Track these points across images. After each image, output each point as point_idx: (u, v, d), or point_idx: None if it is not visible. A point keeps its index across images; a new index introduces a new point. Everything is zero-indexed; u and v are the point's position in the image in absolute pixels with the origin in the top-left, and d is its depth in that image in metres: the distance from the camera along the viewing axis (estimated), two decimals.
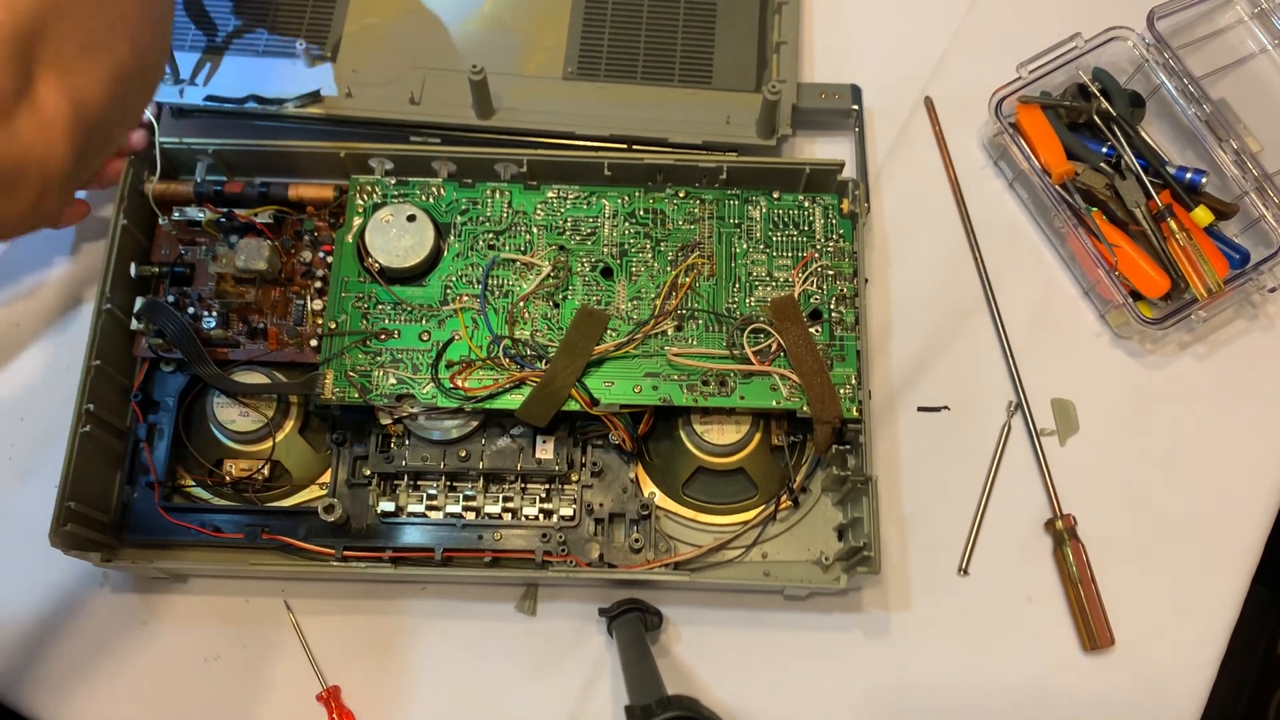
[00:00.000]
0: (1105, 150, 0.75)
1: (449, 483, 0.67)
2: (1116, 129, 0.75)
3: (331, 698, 0.66)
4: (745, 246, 0.69)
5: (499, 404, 0.65)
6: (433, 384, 0.65)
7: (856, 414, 0.65)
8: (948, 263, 0.77)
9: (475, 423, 0.66)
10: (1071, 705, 0.67)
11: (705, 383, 0.66)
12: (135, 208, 0.69)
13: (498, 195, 0.70)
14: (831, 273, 0.69)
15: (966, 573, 0.70)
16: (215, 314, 0.68)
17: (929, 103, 0.81)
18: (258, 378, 0.68)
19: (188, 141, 0.70)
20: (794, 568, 0.67)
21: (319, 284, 0.69)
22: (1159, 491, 0.71)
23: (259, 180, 0.71)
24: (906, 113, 0.81)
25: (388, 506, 0.66)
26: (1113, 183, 0.74)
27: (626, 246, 0.69)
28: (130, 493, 0.68)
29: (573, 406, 0.64)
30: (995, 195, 0.79)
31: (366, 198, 0.69)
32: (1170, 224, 0.72)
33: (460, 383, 0.65)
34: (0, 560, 0.69)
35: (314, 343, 0.68)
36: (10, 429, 0.72)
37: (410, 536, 0.67)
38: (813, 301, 0.68)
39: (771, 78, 0.77)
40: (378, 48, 0.76)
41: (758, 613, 0.68)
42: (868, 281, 0.72)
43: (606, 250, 0.69)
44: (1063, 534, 0.69)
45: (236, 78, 0.75)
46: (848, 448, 0.66)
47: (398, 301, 0.67)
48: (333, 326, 0.66)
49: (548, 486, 0.68)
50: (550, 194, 0.70)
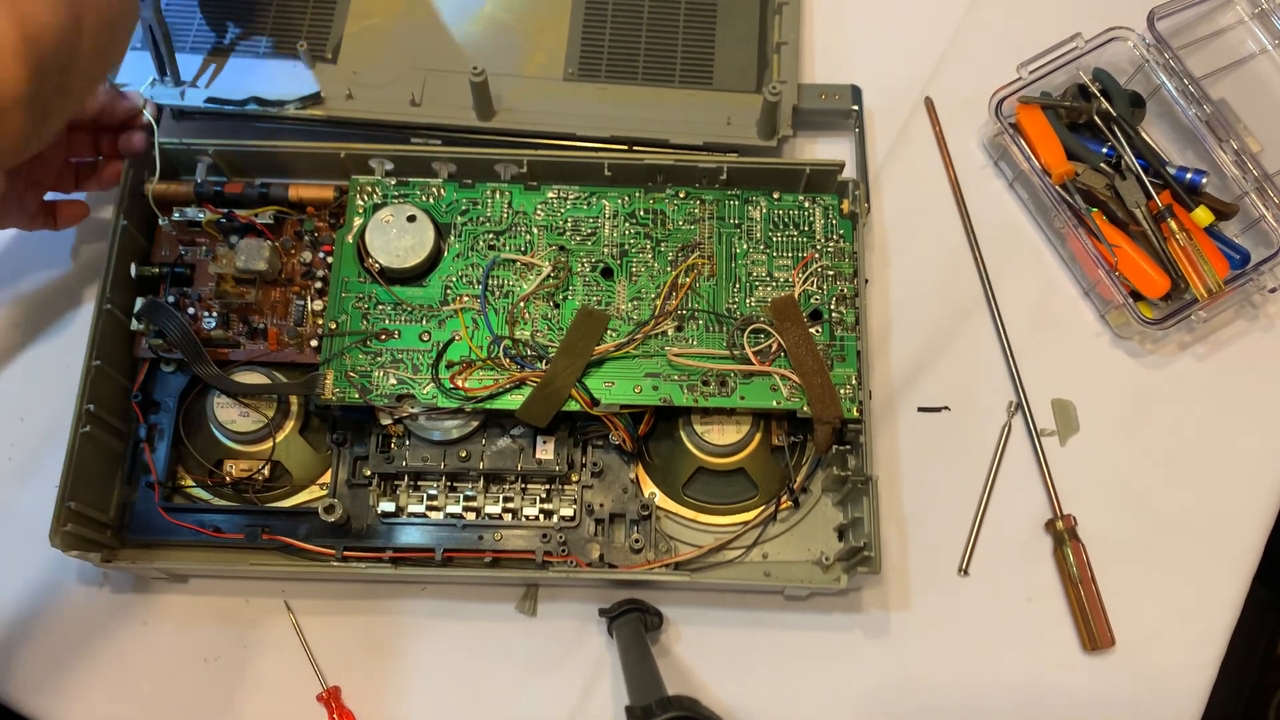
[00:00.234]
0: (1105, 150, 0.75)
1: (449, 483, 0.67)
2: (1116, 129, 0.75)
3: (331, 698, 0.66)
4: (745, 247, 0.69)
5: (499, 404, 0.65)
6: (433, 384, 0.65)
7: (856, 414, 0.65)
8: (948, 263, 0.77)
9: (475, 423, 0.66)
10: (1071, 705, 0.67)
11: (705, 383, 0.66)
12: (135, 208, 0.69)
13: (498, 196, 0.70)
14: (831, 273, 0.69)
15: (966, 573, 0.70)
16: (215, 314, 0.68)
17: (929, 103, 0.81)
18: (258, 378, 0.68)
19: (188, 142, 0.70)
20: (794, 568, 0.67)
21: (319, 284, 0.69)
22: (1159, 491, 0.71)
23: (259, 181, 0.71)
24: (906, 113, 0.81)
25: (388, 507, 0.66)
26: (1113, 183, 0.74)
27: (627, 247, 0.69)
28: (130, 493, 0.68)
29: (573, 407, 0.64)
30: (995, 195, 0.79)
31: (366, 198, 0.69)
32: (1170, 224, 0.72)
33: (460, 383, 0.65)
34: (0, 560, 0.69)
35: (314, 343, 0.68)
36: (10, 429, 0.72)
37: (410, 537, 0.67)
38: (813, 302, 0.68)
39: (772, 78, 0.77)
40: (378, 49, 0.76)
41: (758, 613, 0.68)
42: (868, 281, 0.72)
43: (607, 250, 0.69)
44: (1063, 534, 0.69)
45: (237, 80, 0.75)
46: (848, 448, 0.66)
47: (398, 302, 0.67)
48: (333, 327, 0.66)
49: (548, 487, 0.68)
50: (550, 194, 0.70)
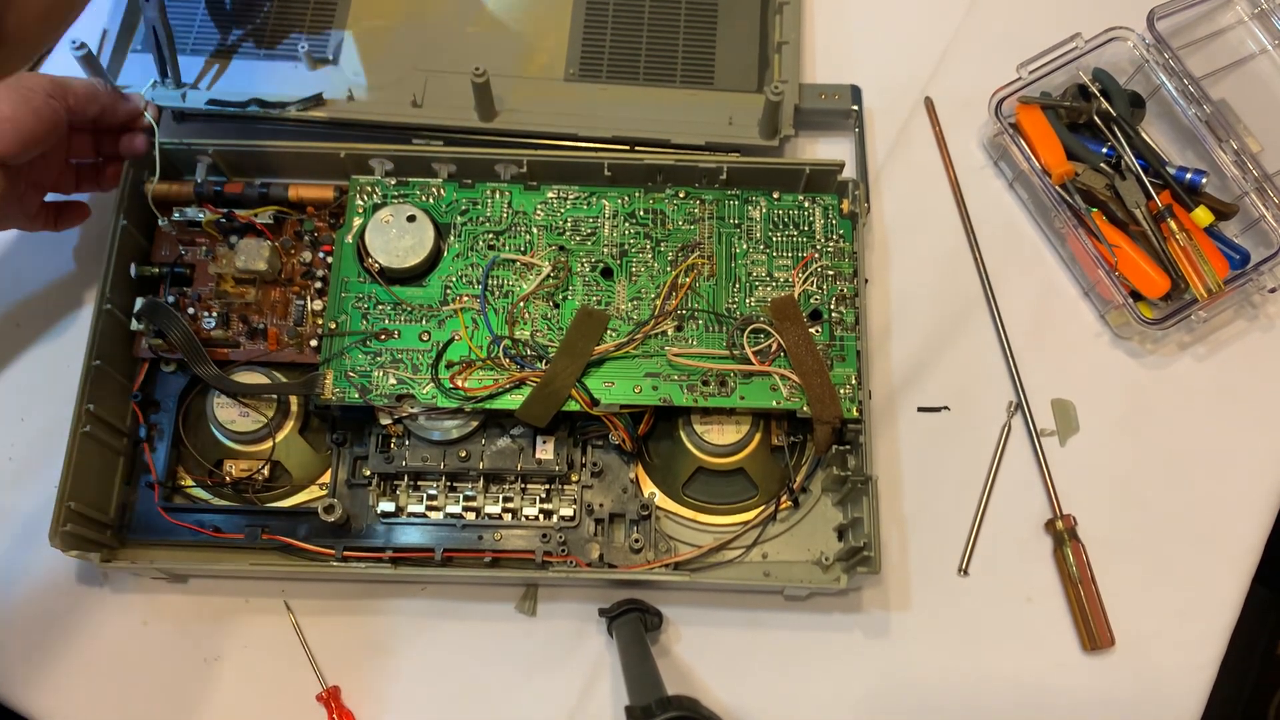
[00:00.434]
0: (1105, 150, 0.75)
1: (449, 483, 0.67)
2: (1116, 129, 0.75)
3: (331, 698, 0.66)
4: (745, 247, 0.69)
5: (499, 404, 0.65)
6: (433, 384, 0.65)
7: (856, 414, 0.65)
8: (948, 263, 0.77)
9: (475, 423, 0.66)
10: (1071, 705, 0.67)
11: (705, 383, 0.66)
12: (135, 208, 0.70)
13: (498, 196, 0.70)
14: (831, 273, 0.69)
15: (966, 573, 0.70)
16: (215, 314, 0.68)
17: (929, 103, 0.81)
18: (258, 378, 0.68)
19: (188, 142, 0.70)
20: (794, 568, 0.67)
21: (319, 284, 0.70)
22: (1159, 491, 0.71)
23: (259, 181, 0.71)
24: (906, 113, 0.81)
25: (388, 507, 0.66)
26: (1113, 183, 0.74)
27: (626, 247, 0.69)
28: (130, 493, 0.68)
29: (573, 406, 0.64)
30: (995, 195, 0.79)
31: (366, 198, 0.69)
32: (1170, 224, 0.72)
33: (460, 383, 0.65)
34: (0, 560, 0.69)
35: (314, 343, 0.68)
36: (10, 429, 0.72)
37: (410, 536, 0.67)
38: (813, 301, 0.68)
39: (773, 78, 0.77)
40: (379, 50, 0.76)
41: (758, 613, 0.68)
42: (868, 281, 0.72)
43: (606, 250, 0.69)
44: (1063, 534, 0.69)
45: (238, 81, 0.75)
46: (848, 448, 0.66)
47: (398, 302, 0.67)
48: (333, 327, 0.66)
49: (548, 487, 0.68)
50: (550, 194, 0.70)
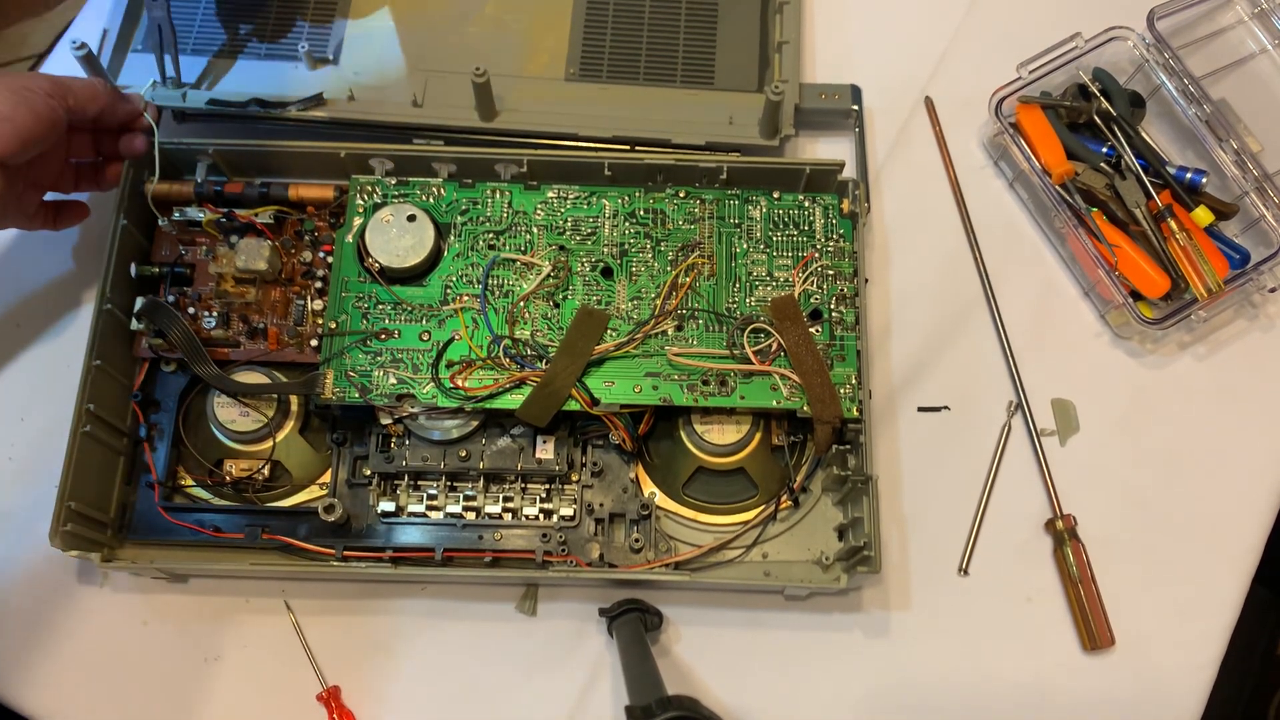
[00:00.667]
0: (1105, 150, 0.75)
1: (449, 483, 0.67)
2: (1116, 129, 0.75)
3: (331, 698, 0.66)
4: (745, 246, 0.69)
5: (499, 404, 0.65)
6: (433, 384, 0.65)
7: (856, 414, 0.65)
8: (948, 263, 0.77)
9: (475, 423, 0.66)
10: (1071, 705, 0.67)
11: (705, 383, 0.66)
12: (135, 208, 0.69)
13: (498, 195, 0.70)
14: (831, 273, 0.69)
15: (966, 573, 0.70)
16: (215, 314, 0.68)
17: (929, 103, 0.81)
18: (258, 378, 0.68)
19: (188, 141, 0.70)
20: (794, 568, 0.67)
21: (319, 284, 0.69)
22: (1159, 491, 0.71)
23: (259, 180, 0.71)
24: (906, 113, 0.81)
25: (388, 506, 0.66)
26: (1113, 183, 0.74)
27: (627, 246, 0.69)
28: (130, 493, 0.68)
29: (573, 406, 0.64)
30: (995, 195, 0.79)
31: (367, 198, 0.69)
32: (1170, 224, 0.72)
33: (460, 383, 0.65)
34: (0, 560, 0.69)
35: (314, 343, 0.68)
36: (10, 429, 0.72)
37: (410, 536, 0.67)
38: (813, 301, 0.68)
39: (774, 78, 0.77)
40: (380, 50, 0.76)
41: (758, 613, 0.68)
42: (868, 281, 0.72)
43: (606, 250, 0.69)
44: (1063, 534, 0.69)
45: (239, 81, 0.75)
46: (848, 448, 0.66)
47: (398, 301, 0.67)
48: (333, 326, 0.66)
49: (548, 486, 0.68)
50: (550, 194, 0.70)
